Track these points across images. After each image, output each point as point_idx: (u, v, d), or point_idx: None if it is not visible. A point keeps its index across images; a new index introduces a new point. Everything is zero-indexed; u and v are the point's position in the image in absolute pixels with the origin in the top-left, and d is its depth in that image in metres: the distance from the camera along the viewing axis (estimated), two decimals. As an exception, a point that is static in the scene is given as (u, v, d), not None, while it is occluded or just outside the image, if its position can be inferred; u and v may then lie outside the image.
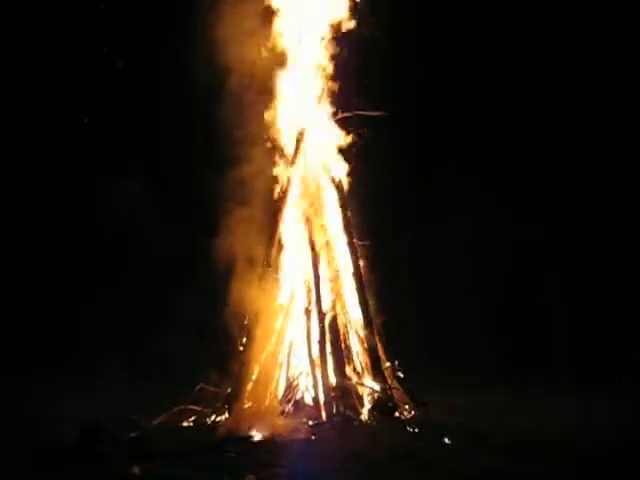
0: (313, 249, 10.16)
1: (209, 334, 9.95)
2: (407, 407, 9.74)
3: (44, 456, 7.41)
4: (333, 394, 9.38)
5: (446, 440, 8.36)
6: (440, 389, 10.97)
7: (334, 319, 9.93)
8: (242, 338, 9.96)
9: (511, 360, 13.32)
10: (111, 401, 9.69)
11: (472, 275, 14.79)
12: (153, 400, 9.98)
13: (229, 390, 9.80)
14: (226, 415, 9.53)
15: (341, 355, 9.75)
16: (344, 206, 10.42)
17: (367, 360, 9.97)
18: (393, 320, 10.59)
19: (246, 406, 9.54)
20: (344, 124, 10.46)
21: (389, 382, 9.86)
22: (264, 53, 10.17)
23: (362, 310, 10.15)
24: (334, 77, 10.41)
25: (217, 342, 9.86)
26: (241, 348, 9.92)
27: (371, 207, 11.19)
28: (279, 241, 10.25)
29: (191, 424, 9.54)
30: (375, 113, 10.42)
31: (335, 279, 10.23)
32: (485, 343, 13.72)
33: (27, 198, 14.62)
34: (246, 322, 9.97)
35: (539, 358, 13.44)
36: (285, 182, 10.44)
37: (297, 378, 9.67)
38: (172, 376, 11.07)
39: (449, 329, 13.81)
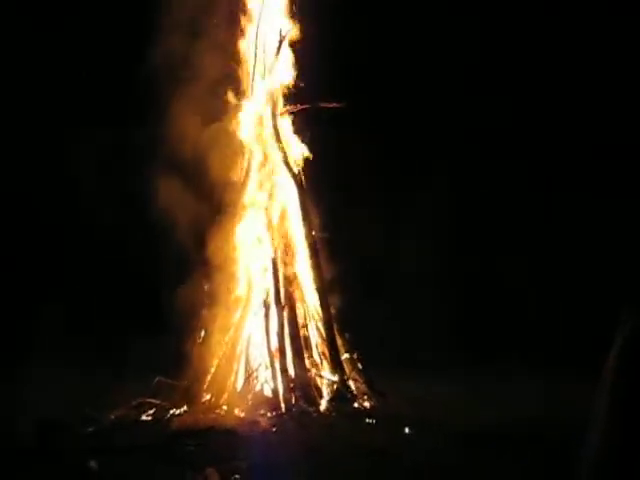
0: (271, 239, 10.17)
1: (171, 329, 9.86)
2: (366, 397, 9.81)
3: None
4: (292, 386, 9.42)
5: (406, 430, 8.45)
6: (397, 379, 11.02)
7: (292, 310, 9.95)
8: (200, 331, 9.93)
9: (471, 348, 13.41)
10: (71, 396, 9.53)
11: (432, 265, 14.84)
12: (114, 394, 9.85)
13: (187, 383, 9.76)
14: (185, 408, 9.49)
15: (300, 346, 9.79)
16: (302, 197, 10.42)
17: (326, 351, 10.02)
18: (351, 311, 10.64)
19: (205, 399, 9.53)
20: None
21: (348, 373, 9.92)
22: None
23: (320, 301, 10.19)
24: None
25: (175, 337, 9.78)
26: (199, 341, 9.90)
27: (328, 197, 11.18)
28: (236, 232, 10.22)
29: (150, 418, 9.46)
30: (334, 105, 10.43)
31: (293, 271, 10.24)
32: (443, 332, 13.81)
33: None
34: (203, 315, 9.96)
35: (499, 346, 13.52)
36: (243, 173, 10.42)
37: (256, 370, 9.67)
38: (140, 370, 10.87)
39: (406, 318, 13.85)
